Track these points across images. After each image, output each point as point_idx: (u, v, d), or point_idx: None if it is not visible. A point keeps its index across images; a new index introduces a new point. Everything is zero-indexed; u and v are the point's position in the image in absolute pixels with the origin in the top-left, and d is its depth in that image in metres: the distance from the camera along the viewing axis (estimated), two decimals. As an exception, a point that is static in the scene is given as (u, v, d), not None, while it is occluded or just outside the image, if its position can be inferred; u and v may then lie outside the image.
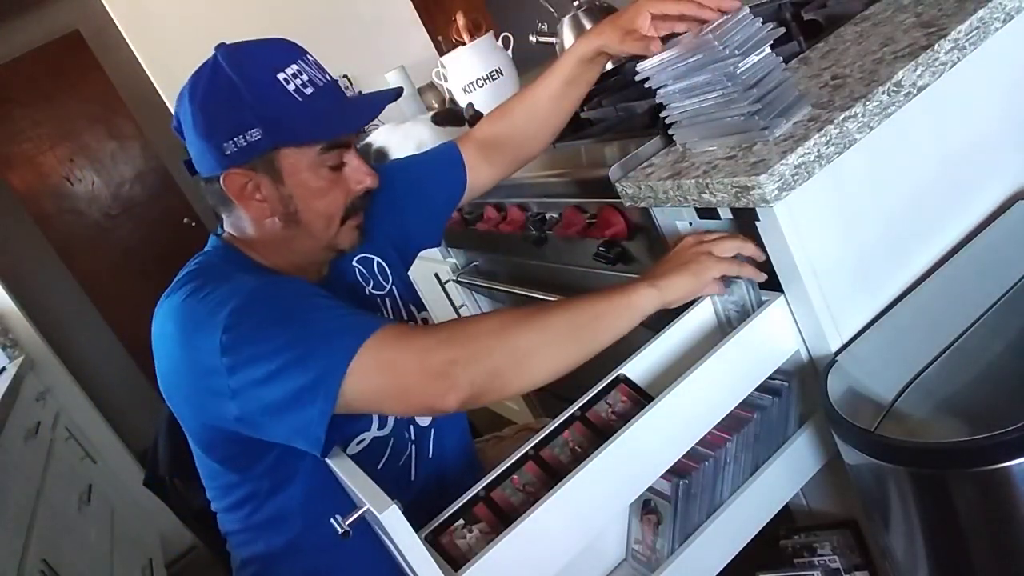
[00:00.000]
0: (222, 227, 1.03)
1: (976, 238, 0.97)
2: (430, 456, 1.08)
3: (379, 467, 1.01)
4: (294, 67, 0.91)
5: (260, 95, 0.89)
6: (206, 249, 1.02)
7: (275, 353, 0.81)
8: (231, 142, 0.90)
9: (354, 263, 1.13)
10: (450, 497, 0.91)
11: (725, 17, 0.90)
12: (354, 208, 1.00)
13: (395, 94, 0.99)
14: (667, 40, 0.98)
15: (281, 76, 0.89)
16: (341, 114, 0.94)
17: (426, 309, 1.20)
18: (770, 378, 0.97)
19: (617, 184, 1.06)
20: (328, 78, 0.94)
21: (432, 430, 1.09)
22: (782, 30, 0.91)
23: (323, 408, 0.81)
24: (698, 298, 0.99)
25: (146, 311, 0.95)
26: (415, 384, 0.83)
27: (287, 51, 0.93)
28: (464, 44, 2.21)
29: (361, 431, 0.99)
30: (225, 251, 1.00)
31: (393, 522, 0.72)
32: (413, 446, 1.06)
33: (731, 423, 0.95)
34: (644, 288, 0.90)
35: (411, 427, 1.06)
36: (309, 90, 0.90)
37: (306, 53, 0.94)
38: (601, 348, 0.89)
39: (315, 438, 0.82)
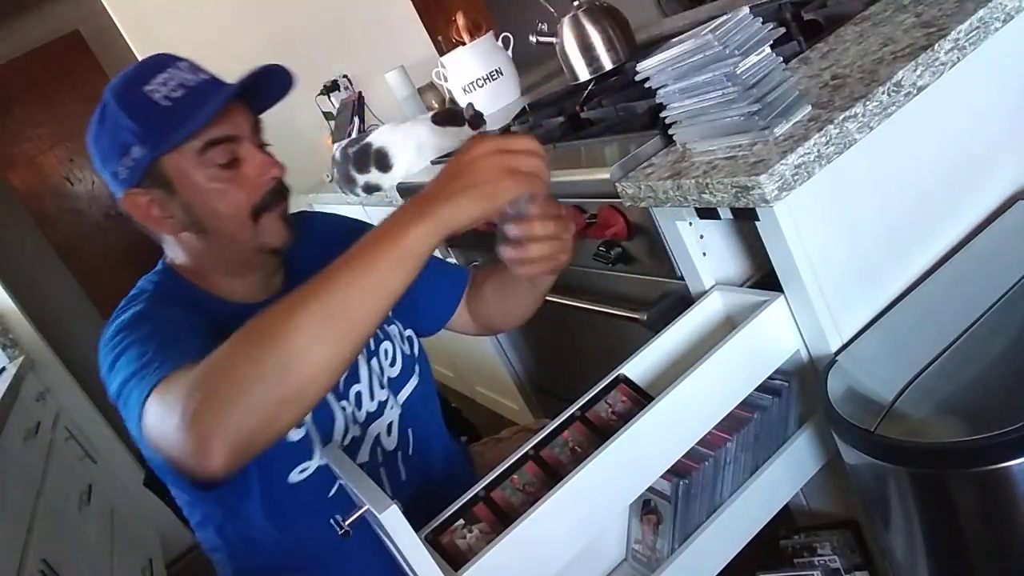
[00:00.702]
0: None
1: (976, 238, 0.97)
2: (403, 479, 1.06)
3: (330, 496, 0.98)
4: (162, 76, 0.90)
5: (133, 112, 0.89)
6: (146, 279, 1.01)
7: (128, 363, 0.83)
8: (121, 166, 0.91)
9: None
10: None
11: (725, 17, 0.90)
12: (266, 203, 0.95)
13: (244, 83, 0.91)
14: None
15: (148, 88, 0.89)
16: (200, 108, 0.89)
17: (394, 322, 1.12)
18: (770, 378, 0.97)
19: (617, 184, 1.06)
20: (203, 77, 0.92)
21: (399, 453, 1.06)
22: (782, 30, 0.91)
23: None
24: (698, 299, 0.98)
25: (146, 311, 0.96)
26: (171, 447, 0.70)
27: (155, 63, 0.92)
28: (464, 44, 2.22)
29: (300, 461, 0.96)
30: (161, 278, 0.99)
31: (393, 522, 0.72)
32: (383, 469, 1.04)
33: (731, 423, 0.95)
34: (417, 225, 0.72)
35: (377, 450, 1.04)
36: (178, 93, 0.89)
37: (178, 60, 0.93)
38: (382, 312, 0.73)
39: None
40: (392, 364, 1.09)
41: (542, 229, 0.85)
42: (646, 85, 0.98)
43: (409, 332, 1.14)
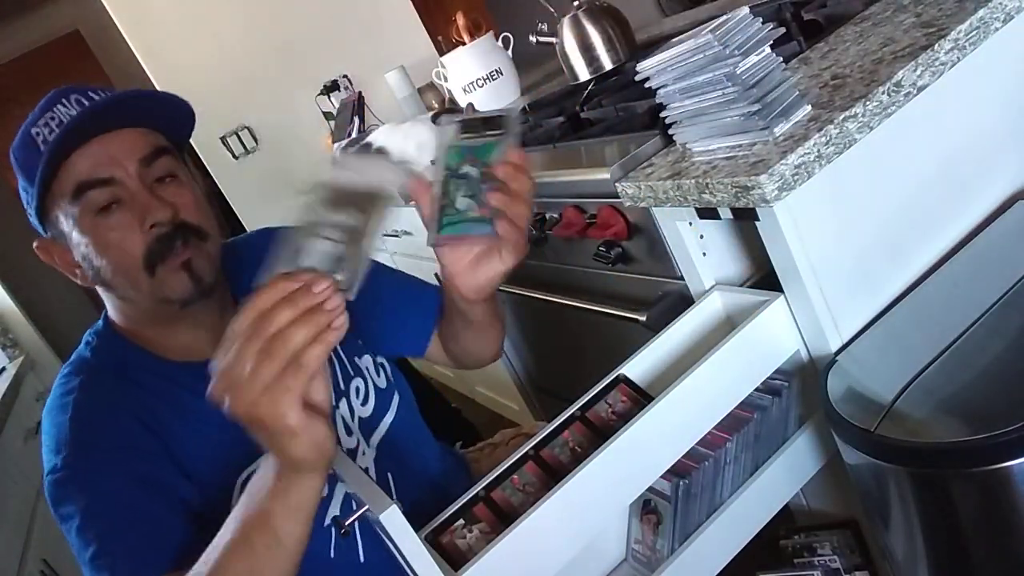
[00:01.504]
0: None
1: (976, 238, 0.97)
2: (362, 561, 0.97)
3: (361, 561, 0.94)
4: (49, 113, 0.84)
5: (18, 157, 0.86)
6: (87, 337, 0.96)
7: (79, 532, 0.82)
8: (27, 210, 0.88)
9: None
10: None
11: (725, 17, 0.90)
12: (155, 252, 0.85)
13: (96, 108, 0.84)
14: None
15: (34, 130, 0.85)
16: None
17: (367, 353, 1.07)
18: (770, 378, 0.97)
19: (617, 184, 1.06)
20: (77, 110, 0.84)
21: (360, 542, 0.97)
22: (782, 30, 0.91)
23: None
24: (698, 299, 0.98)
25: (146, 311, 0.95)
26: None
27: (50, 100, 0.86)
28: (464, 44, 2.22)
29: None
30: (98, 342, 0.94)
31: (393, 522, 0.72)
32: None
33: (731, 423, 0.95)
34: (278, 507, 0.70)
35: (351, 502, 0.92)
36: (53, 135, 0.83)
37: (75, 92, 0.85)
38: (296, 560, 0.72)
39: None
40: (364, 403, 1.03)
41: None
42: (646, 85, 0.98)
43: (381, 359, 1.09)
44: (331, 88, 2.78)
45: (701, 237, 1.06)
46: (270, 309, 0.62)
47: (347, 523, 0.76)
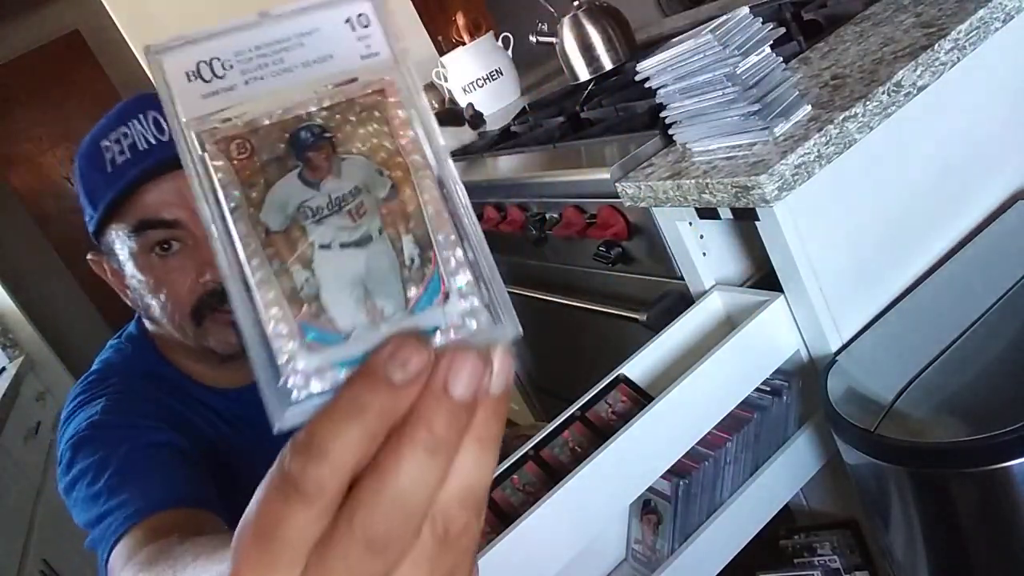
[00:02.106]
0: None
1: (976, 238, 0.97)
2: None
3: None
4: (123, 128, 0.81)
5: (83, 170, 0.84)
6: (117, 343, 0.93)
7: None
8: (87, 220, 0.85)
9: None
10: None
11: (725, 17, 0.90)
12: (205, 305, 0.82)
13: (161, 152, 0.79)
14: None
15: (104, 144, 0.81)
16: (120, 181, 0.79)
17: None
18: (770, 378, 0.97)
19: (617, 184, 1.06)
20: (161, 139, 0.80)
21: None
22: (782, 30, 0.91)
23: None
24: (698, 299, 0.99)
25: (146, 311, 0.94)
26: None
27: (122, 111, 0.82)
28: (464, 44, 2.22)
29: None
30: (130, 348, 0.92)
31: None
32: None
33: (731, 423, 0.95)
34: None
35: None
36: (122, 158, 0.80)
37: (149, 107, 0.81)
38: None
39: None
40: None
41: None
42: (646, 85, 0.98)
43: None
44: (331, 88, 2.78)
45: (701, 237, 1.06)
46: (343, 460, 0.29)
47: None
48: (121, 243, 0.84)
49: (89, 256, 0.88)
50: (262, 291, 0.30)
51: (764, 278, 1.05)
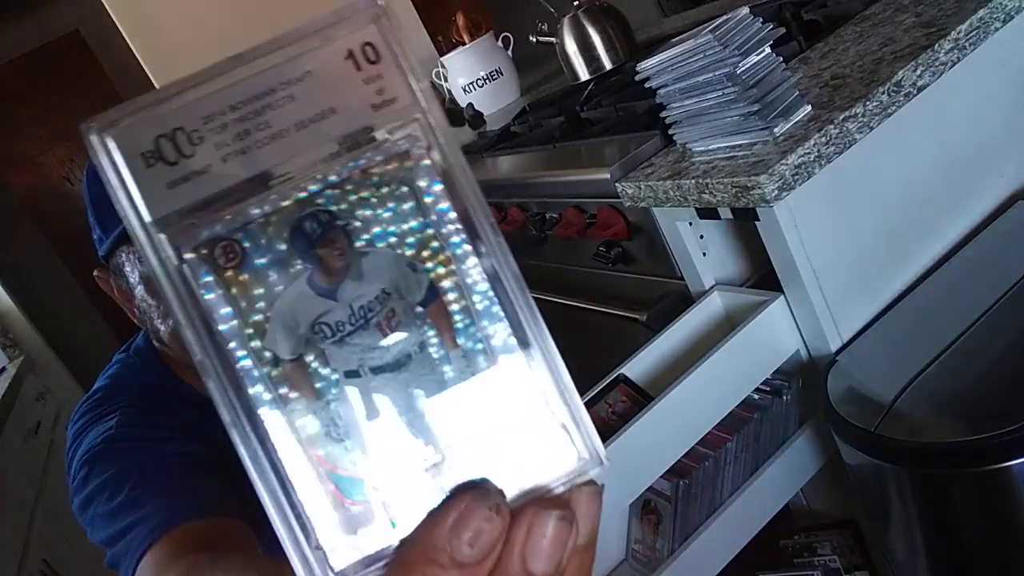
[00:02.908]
0: None
1: (976, 238, 0.97)
2: None
3: None
4: None
5: (92, 190, 0.83)
6: (125, 357, 0.93)
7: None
8: (94, 240, 0.85)
9: None
10: None
11: (725, 17, 0.90)
12: None
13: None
14: None
15: None
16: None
17: None
18: (770, 378, 0.97)
19: (617, 184, 1.06)
20: None
21: None
22: (782, 30, 0.91)
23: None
24: (698, 298, 0.99)
25: (146, 311, 0.94)
26: None
27: None
28: (464, 44, 2.22)
29: None
30: (139, 362, 0.92)
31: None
32: None
33: (731, 423, 0.95)
34: None
35: None
36: None
37: None
38: None
39: None
40: None
41: None
42: (646, 85, 0.98)
43: None
44: (331, 88, 2.78)
45: (701, 237, 1.06)
46: None
47: None
48: (132, 266, 0.84)
49: (96, 273, 0.87)
50: (284, 452, 0.23)
51: (764, 278, 1.05)
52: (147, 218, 0.22)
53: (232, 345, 0.23)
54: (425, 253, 0.24)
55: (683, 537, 0.93)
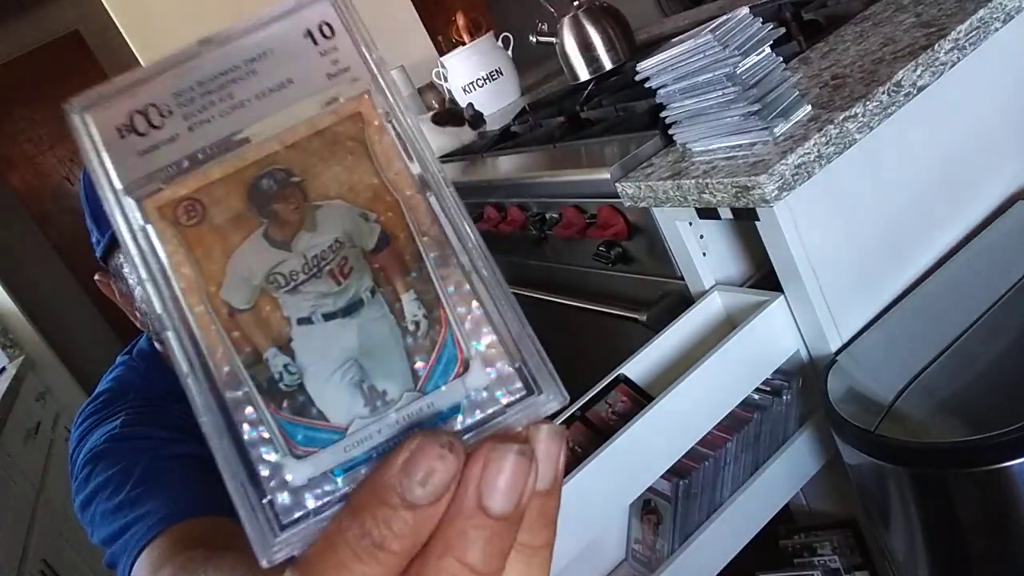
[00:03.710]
0: None
1: (976, 238, 0.97)
2: None
3: None
4: None
5: (88, 191, 0.83)
6: (128, 360, 0.93)
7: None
8: (93, 243, 0.84)
9: None
10: None
11: (725, 17, 0.90)
12: None
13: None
14: None
15: None
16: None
17: None
18: (770, 378, 0.97)
19: (617, 184, 1.06)
20: None
21: None
22: (782, 30, 0.91)
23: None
24: (698, 299, 0.99)
25: (146, 311, 0.94)
26: None
27: None
28: (464, 44, 2.22)
29: None
30: (144, 365, 0.92)
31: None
32: None
33: (731, 423, 0.95)
34: None
35: None
36: None
37: None
38: None
39: None
40: None
41: None
42: (646, 85, 0.98)
43: None
44: (331, 88, 2.78)
45: (701, 237, 1.06)
46: None
47: None
48: (130, 268, 0.83)
49: (97, 277, 0.87)
50: (230, 389, 0.23)
51: (764, 278, 1.05)
52: (118, 185, 0.24)
53: (189, 299, 0.24)
54: (378, 204, 0.25)
55: (683, 537, 0.93)
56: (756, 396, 0.97)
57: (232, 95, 0.25)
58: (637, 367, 1.00)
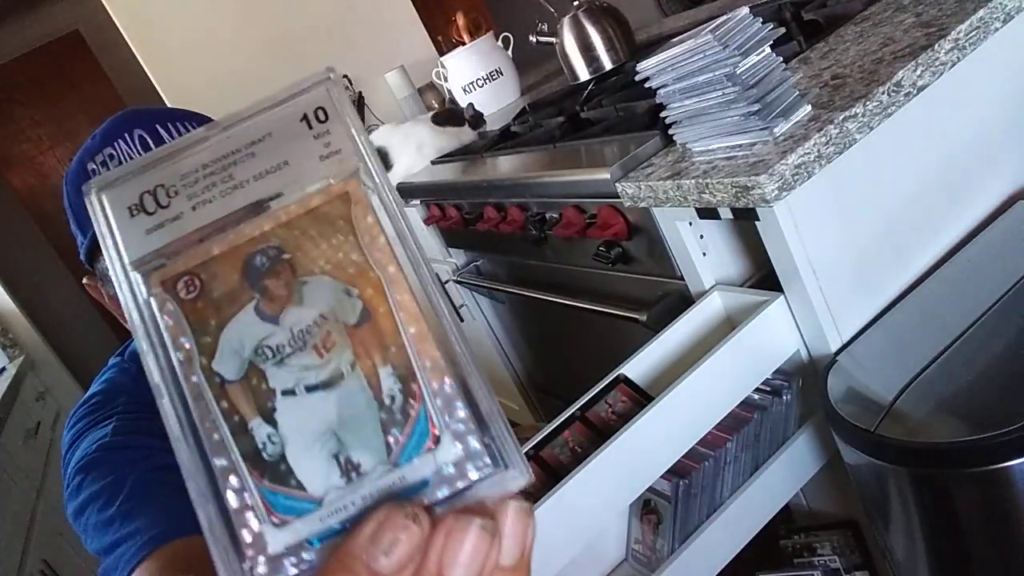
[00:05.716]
0: None
1: (976, 238, 0.97)
2: None
3: None
4: (109, 149, 0.77)
5: (70, 195, 0.81)
6: (120, 362, 0.92)
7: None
8: (78, 247, 0.83)
9: None
10: None
11: (725, 17, 0.90)
12: None
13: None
14: None
15: (91, 166, 0.78)
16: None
17: None
18: (770, 378, 0.97)
19: (617, 184, 1.06)
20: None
21: None
22: (782, 30, 0.91)
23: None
24: (698, 299, 0.98)
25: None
26: None
27: (112, 125, 0.79)
28: (464, 44, 2.22)
29: None
30: (138, 365, 0.89)
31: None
32: None
33: (731, 423, 0.95)
34: None
35: None
36: None
37: (136, 125, 0.78)
38: None
39: None
40: None
41: None
42: (646, 85, 0.98)
43: None
44: (331, 88, 2.77)
45: (701, 237, 1.06)
46: None
47: None
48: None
49: (85, 281, 0.87)
50: (216, 457, 0.25)
51: (764, 278, 1.05)
52: (126, 260, 0.27)
53: (185, 370, 0.26)
54: (361, 280, 0.26)
55: (683, 537, 0.93)
56: (756, 396, 0.97)
57: (232, 176, 0.27)
58: (637, 367, 1.00)
